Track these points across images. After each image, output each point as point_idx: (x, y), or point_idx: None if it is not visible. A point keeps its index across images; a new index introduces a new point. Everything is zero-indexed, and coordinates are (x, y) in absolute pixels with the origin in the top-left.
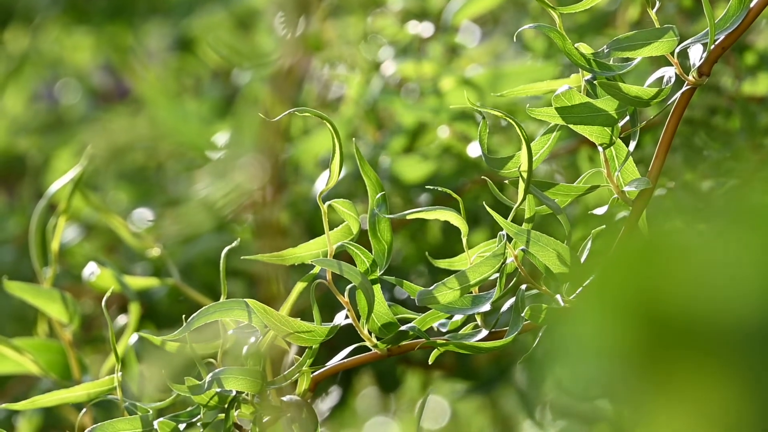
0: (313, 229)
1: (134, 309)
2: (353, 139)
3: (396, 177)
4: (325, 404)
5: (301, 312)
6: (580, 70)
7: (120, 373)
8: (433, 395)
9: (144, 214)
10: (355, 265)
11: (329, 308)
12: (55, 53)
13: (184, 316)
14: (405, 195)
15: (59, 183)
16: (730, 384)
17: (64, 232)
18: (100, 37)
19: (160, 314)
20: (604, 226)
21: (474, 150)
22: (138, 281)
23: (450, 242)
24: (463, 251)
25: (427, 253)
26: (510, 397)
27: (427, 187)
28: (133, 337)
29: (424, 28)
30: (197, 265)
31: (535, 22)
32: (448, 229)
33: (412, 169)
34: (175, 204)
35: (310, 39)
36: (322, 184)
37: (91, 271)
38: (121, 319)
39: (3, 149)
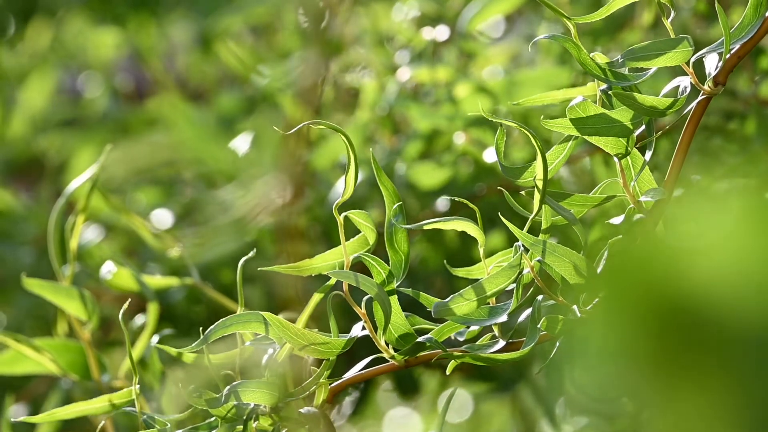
0: (329, 233)
1: (153, 309)
2: (370, 149)
3: (412, 183)
4: (346, 408)
5: (318, 315)
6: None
7: (138, 386)
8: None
9: (164, 216)
10: (372, 276)
11: (346, 312)
12: (79, 45)
13: (201, 328)
14: (422, 200)
15: (77, 182)
16: (743, 384)
17: (84, 233)
18: (124, 30)
19: (177, 316)
20: (620, 237)
21: (490, 155)
22: (156, 281)
23: (467, 243)
24: (480, 252)
25: (445, 261)
26: (530, 392)
27: (444, 197)
28: (154, 339)
29: (440, 33)
30: (215, 268)
31: (551, 25)
32: (465, 233)
33: (428, 176)
34: (194, 208)
35: (330, 42)
36: (338, 189)
37: (108, 269)
38: (139, 319)
39: (23, 147)
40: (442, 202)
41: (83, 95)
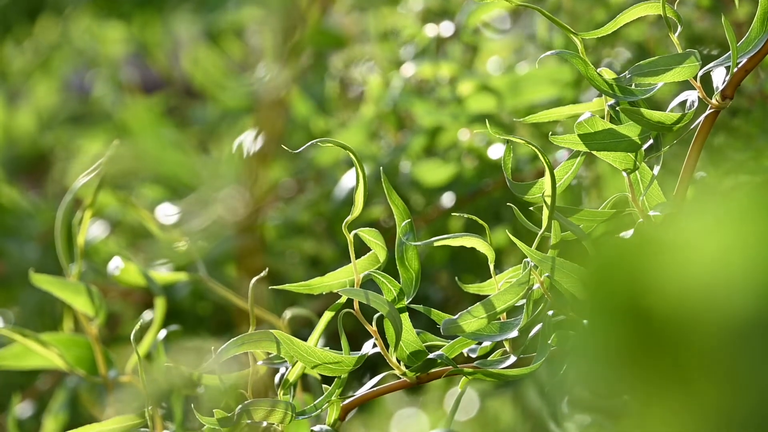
0: (333, 228)
1: (160, 304)
2: (380, 168)
3: (417, 181)
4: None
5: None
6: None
7: (150, 408)
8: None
9: (169, 209)
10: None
11: (353, 322)
12: (86, 43)
13: (209, 338)
14: (427, 196)
15: (84, 178)
16: (726, 380)
17: (89, 229)
18: (129, 27)
19: (184, 312)
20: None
21: (494, 152)
22: (164, 276)
23: None
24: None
25: (457, 278)
26: (534, 389)
27: (450, 193)
28: (161, 333)
29: (444, 28)
30: (220, 262)
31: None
32: (471, 227)
33: (433, 172)
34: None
35: (331, 35)
36: (343, 185)
37: (116, 265)
38: (146, 315)
39: (30, 144)
40: (448, 198)
41: (90, 92)
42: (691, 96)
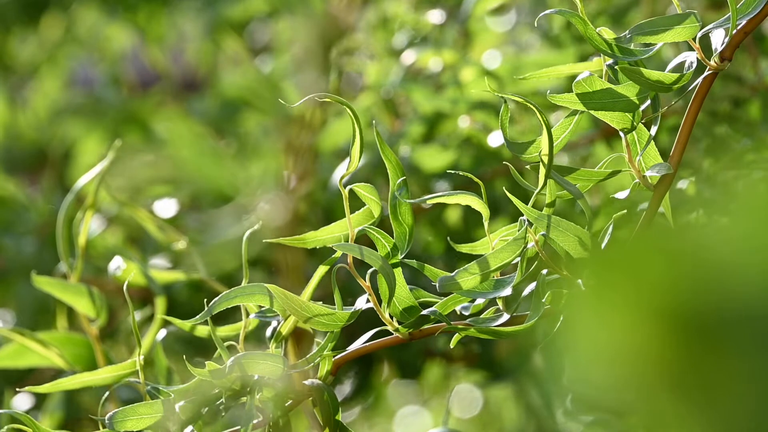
0: (330, 218)
1: (161, 303)
2: (373, 122)
3: (416, 166)
4: (346, 387)
5: (321, 298)
6: (601, 55)
7: (141, 357)
8: (466, 384)
9: (167, 205)
10: (377, 250)
11: (350, 295)
12: (92, 37)
13: (205, 300)
14: (424, 184)
15: (86, 177)
16: (744, 379)
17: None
18: (134, 21)
19: (179, 305)
20: (625, 211)
21: (494, 139)
22: (164, 275)
23: (470, 230)
24: (484, 239)
25: (448, 238)
26: (533, 384)
27: (448, 171)
28: (161, 332)
29: (440, 16)
30: (217, 255)
31: (539, 12)
32: (468, 216)
33: (432, 159)
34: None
35: (328, 27)
36: (341, 173)
37: (117, 265)
38: (144, 311)
39: (33, 141)
40: (443, 186)
41: (95, 85)
42: (690, 57)
